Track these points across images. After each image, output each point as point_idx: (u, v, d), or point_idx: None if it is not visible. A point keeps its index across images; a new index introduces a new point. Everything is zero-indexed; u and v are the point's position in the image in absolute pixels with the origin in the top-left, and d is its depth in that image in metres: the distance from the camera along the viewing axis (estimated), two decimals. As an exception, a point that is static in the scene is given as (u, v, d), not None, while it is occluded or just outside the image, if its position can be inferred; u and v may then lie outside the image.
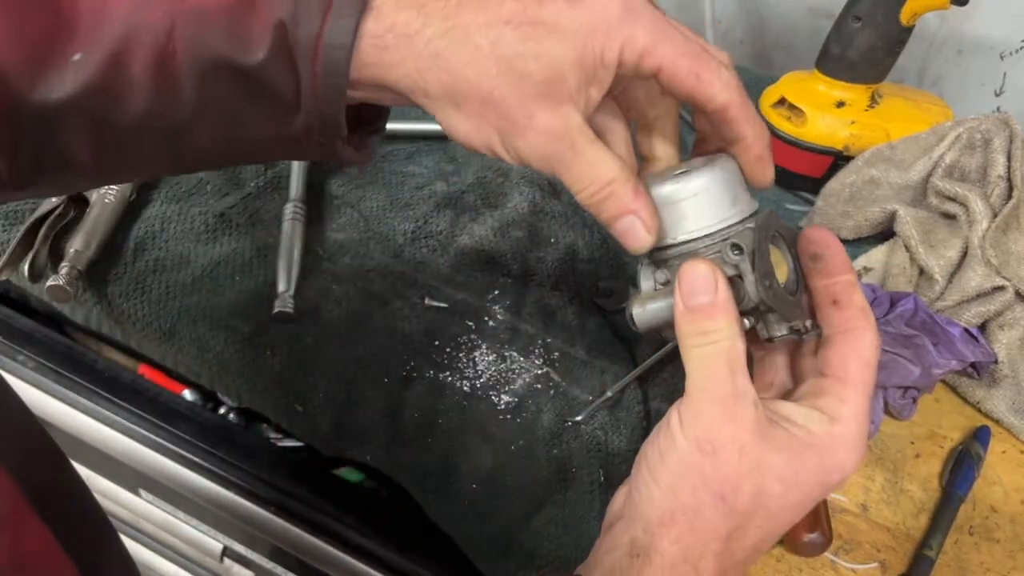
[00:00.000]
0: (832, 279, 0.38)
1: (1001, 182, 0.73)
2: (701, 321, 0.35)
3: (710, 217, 0.37)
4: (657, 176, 0.40)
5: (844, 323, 0.37)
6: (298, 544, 0.63)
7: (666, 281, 0.39)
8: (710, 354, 0.35)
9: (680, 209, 0.37)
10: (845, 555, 0.57)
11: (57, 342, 0.72)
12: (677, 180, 0.37)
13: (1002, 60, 0.95)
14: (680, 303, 0.35)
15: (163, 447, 0.66)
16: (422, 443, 0.59)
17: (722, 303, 0.35)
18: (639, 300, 0.39)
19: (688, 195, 0.37)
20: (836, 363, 0.37)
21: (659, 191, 0.37)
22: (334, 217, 0.73)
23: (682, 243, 0.37)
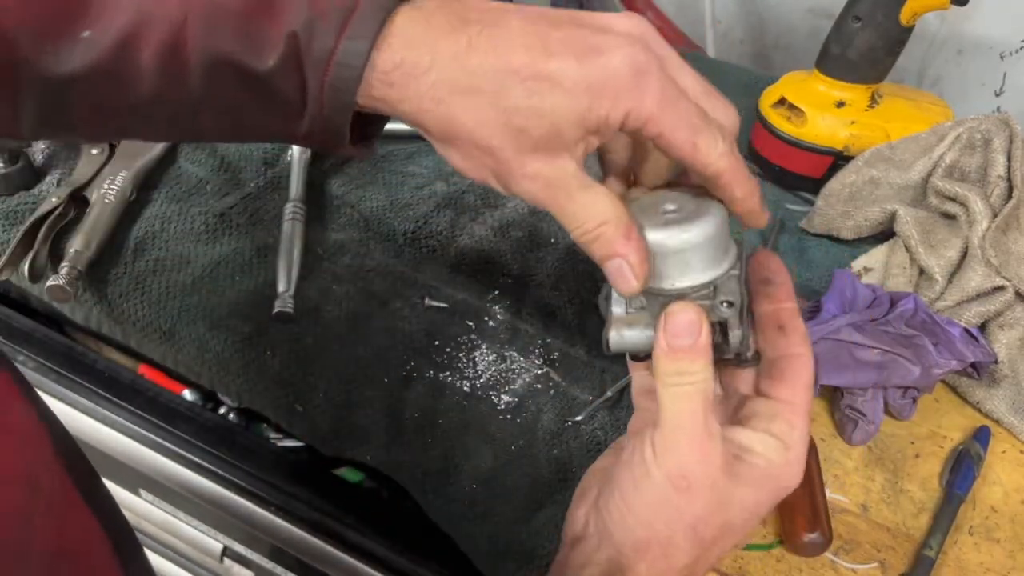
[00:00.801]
0: (779, 305, 0.40)
1: (1001, 182, 0.73)
2: (681, 362, 0.36)
3: (701, 269, 0.38)
4: (647, 211, 0.39)
5: (788, 348, 0.40)
6: (298, 544, 0.63)
7: (641, 307, 0.39)
8: (686, 394, 0.36)
9: (671, 258, 0.38)
10: (845, 555, 0.57)
11: (57, 342, 0.72)
12: (670, 229, 0.37)
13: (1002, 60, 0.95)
14: (663, 342, 0.36)
15: (163, 447, 0.66)
16: (422, 443, 0.59)
17: (702, 348, 0.36)
18: (616, 325, 0.39)
19: (681, 247, 0.37)
20: (785, 387, 0.39)
21: (652, 237, 0.37)
22: (334, 217, 0.73)
23: (670, 290, 0.38)
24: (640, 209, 0.39)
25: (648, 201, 0.40)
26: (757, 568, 0.56)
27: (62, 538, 0.32)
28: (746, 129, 0.89)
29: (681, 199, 0.39)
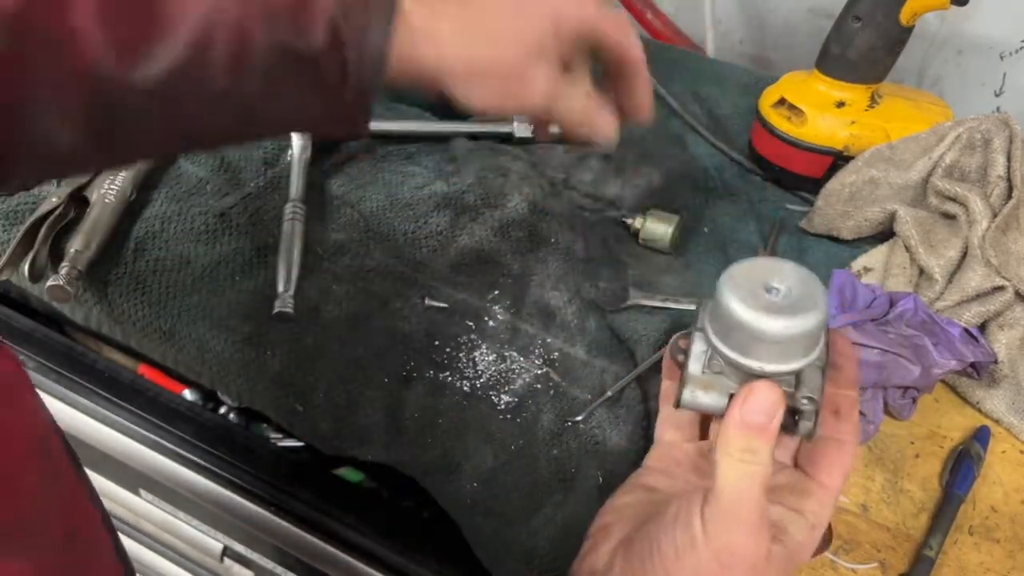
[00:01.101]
0: (840, 390, 0.41)
1: (1001, 182, 0.73)
2: (752, 439, 0.36)
3: (792, 358, 0.38)
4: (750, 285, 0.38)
5: (838, 433, 0.41)
6: (298, 544, 0.63)
7: (719, 372, 0.40)
8: (750, 474, 0.36)
9: (768, 344, 0.37)
10: (845, 555, 0.57)
11: (57, 342, 0.72)
12: (775, 317, 0.36)
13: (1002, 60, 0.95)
14: (738, 415, 0.37)
15: (163, 447, 0.66)
16: (422, 443, 0.59)
17: (774, 430, 0.37)
18: (691, 383, 0.40)
19: (781, 337, 0.37)
20: (825, 469, 0.41)
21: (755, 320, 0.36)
22: (334, 217, 0.73)
23: (756, 370, 0.38)
24: (742, 282, 0.38)
25: (748, 272, 0.39)
26: (757, 568, 0.56)
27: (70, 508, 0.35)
28: (746, 129, 0.89)
29: (784, 275, 0.38)
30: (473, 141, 0.82)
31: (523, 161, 0.80)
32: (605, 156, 0.83)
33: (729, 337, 0.38)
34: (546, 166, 0.81)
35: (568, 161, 0.83)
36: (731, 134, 0.91)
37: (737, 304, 0.37)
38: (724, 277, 0.38)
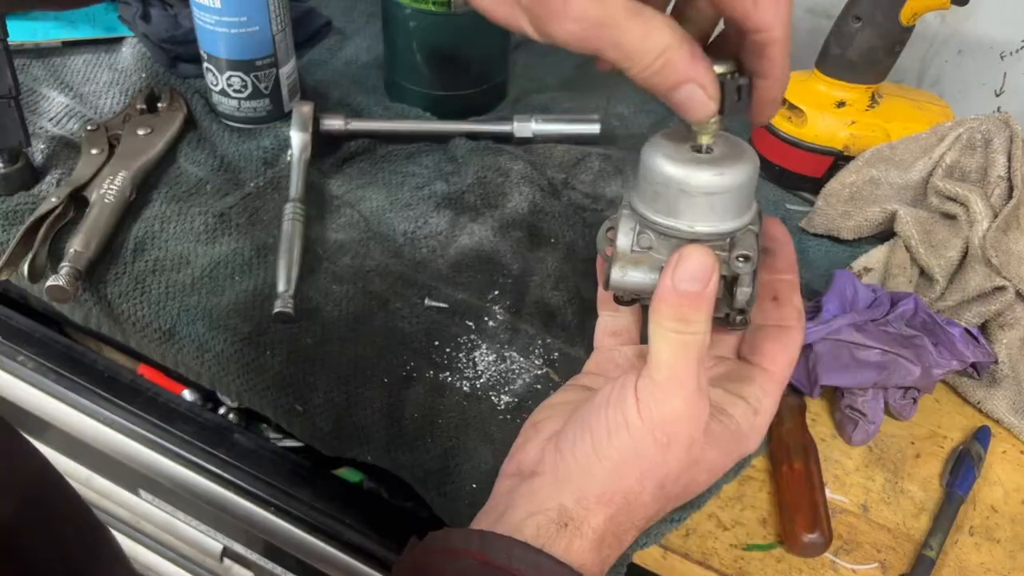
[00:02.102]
0: (777, 275, 0.39)
1: (1002, 182, 0.73)
2: (685, 308, 0.34)
3: (723, 217, 0.36)
4: (674, 143, 0.36)
5: (779, 319, 0.39)
6: (298, 544, 0.63)
7: (649, 247, 0.37)
8: (684, 344, 0.34)
9: (697, 198, 0.35)
10: (845, 555, 0.57)
11: (56, 342, 0.72)
12: (701, 167, 0.35)
13: (1002, 60, 0.95)
14: (670, 283, 0.34)
15: (163, 447, 0.66)
16: (422, 443, 0.59)
17: (709, 296, 0.34)
18: (620, 261, 0.37)
19: (709, 187, 0.35)
20: (767, 355, 0.39)
21: (679, 172, 0.35)
22: (334, 217, 0.73)
23: (686, 231, 0.36)
24: (667, 143, 0.36)
25: (673, 135, 0.37)
26: (757, 568, 0.56)
27: None
28: (746, 129, 0.89)
29: (713, 127, 0.36)
30: (473, 141, 0.82)
31: (523, 161, 0.80)
32: (605, 156, 0.83)
33: (657, 201, 0.36)
34: (546, 166, 0.81)
35: (568, 161, 0.82)
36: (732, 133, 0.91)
37: (663, 160, 0.35)
38: (649, 141, 0.36)
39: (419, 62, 0.84)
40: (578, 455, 0.36)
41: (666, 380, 0.34)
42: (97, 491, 0.79)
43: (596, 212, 0.78)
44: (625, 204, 0.39)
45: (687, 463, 0.36)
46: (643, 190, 0.36)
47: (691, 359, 0.34)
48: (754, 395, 0.38)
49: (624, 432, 0.35)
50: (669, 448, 0.35)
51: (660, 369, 0.35)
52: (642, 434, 0.35)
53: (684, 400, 0.34)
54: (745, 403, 0.38)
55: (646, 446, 0.35)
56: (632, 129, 0.90)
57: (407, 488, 0.59)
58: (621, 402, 0.35)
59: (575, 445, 0.37)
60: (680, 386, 0.34)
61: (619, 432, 0.35)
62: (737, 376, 0.39)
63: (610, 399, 0.36)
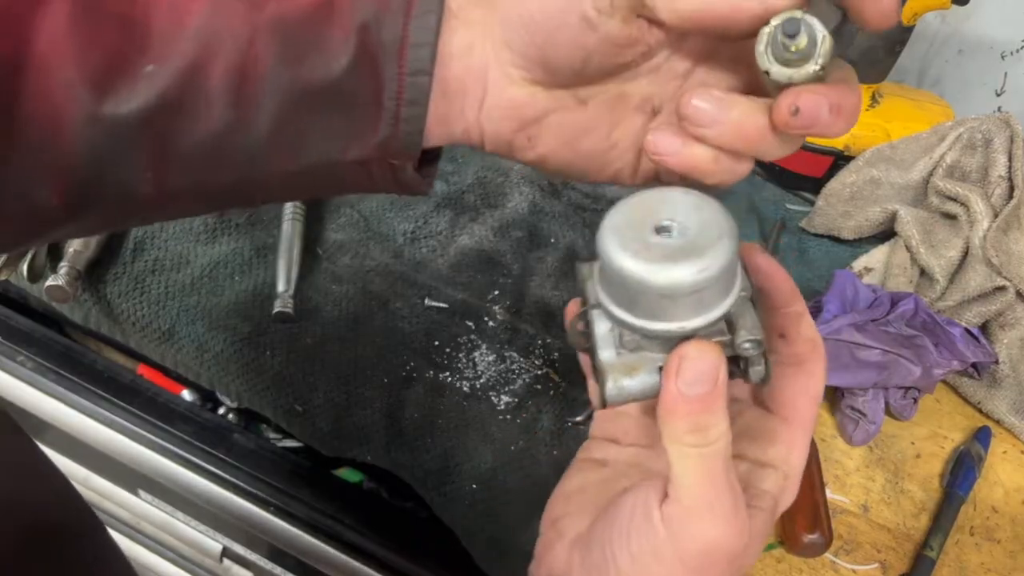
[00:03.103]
0: (779, 310, 0.34)
1: (1002, 182, 0.73)
2: (698, 415, 0.30)
3: (714, 303, 0.30)
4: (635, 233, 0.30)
5: (792, 357, 0.34)
6: (297, 545, 0.63)
7: (637, 347, 0.32)
8: (708, 457, 0.30)
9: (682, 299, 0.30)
10: (845, 556, 0.57)
11: (56, 342, 0.71)
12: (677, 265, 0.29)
13: (1003, 60, 0.95)
14: (675, 392, 0.30)
15: (162, 447, 0.66)
16: (422, 443, 0.59)
17: (720, 392, 0.30)
18: (612, 375, 0.32)
19: (694, 287, 0.29)
20: (785, 403, 0.35)
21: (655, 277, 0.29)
22: (333, 217, 0.73)
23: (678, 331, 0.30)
24: (627, 233, 0.30)
25: (630, 218, 0.31)
26: (757, 569, 0.55)
27: None
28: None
29: (672, 208, 0.31)
30: (473, 141, 0.82)
31: (523, 161, 0.80)
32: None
33: (635, 304, 0.30)
34: (546, 166, 0.81)
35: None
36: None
37: (630, 262, 0.29)
38: (604, 231, 0.30)
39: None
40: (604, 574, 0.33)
41: (696, 505, 0.30)
42: (96, 491, 0.79)
43: (596, 212, 0.78)
44: (593, 301, 0.33)
45: (730, 572, 0.32)
46: (614, 292, 0.31)
47: (719, 473, 0.30)
48: (780, 456, 0.34)
49: (652, 563, 0.31)
50: (707, 570, 0.31)
51: (687, 493, 0.30)
52: (673, 566, 0.31)
53: (720, 527, 0.30)
54: (774, 471, 0.34)
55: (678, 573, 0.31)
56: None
57: (407, 488, 0.59)
58: (647, 530, 0.31)
59: (600, 571, 0.33)
60: (713, 511, 0.30)
61: (646, 564, 0.31)
62: (760, 435, 0.35)
63: (632, 522, 0.32)
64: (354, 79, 0.33)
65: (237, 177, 0.35)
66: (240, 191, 0.37)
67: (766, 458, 0.34)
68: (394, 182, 0.36)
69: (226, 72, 0.32)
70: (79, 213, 0.35)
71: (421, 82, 0.33)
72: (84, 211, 0.35)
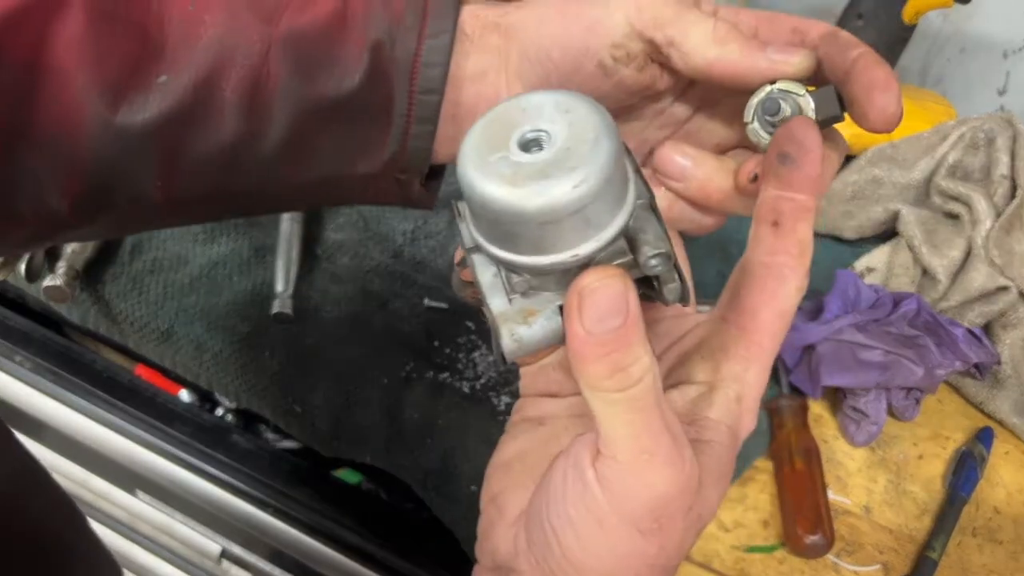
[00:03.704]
0: (787, 193, 0.29)
1: (1005, 181, 0.72)
2: (615, 355, 0.25)
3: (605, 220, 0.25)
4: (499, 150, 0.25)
5: (771, 253, 0.29)
6: (296, 546, 0.63)
7: (529, 287, 0.28)
8: (636, 400, 0.25)
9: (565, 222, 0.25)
10: (847, 557, 0.56)
11: (54, 342, 0.71)
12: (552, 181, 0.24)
13: (1005, 59, 0.95)
14: (582, 331, 0.24)
15: (160, 448, 0.66)
16: (421, 444, 0.58)
17: (635, 322, 0.25)
18: (507, 326, 0.27)
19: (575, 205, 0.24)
20: (745, 310, 0.29)
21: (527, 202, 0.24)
22: (333, 217, 0.73)
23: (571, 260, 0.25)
24: (484, 149, 0.25)
25: (489, 133, 0.26)
26: (759, 570, 0.55)
27: None
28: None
29: (536, 114, 0.26)
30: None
31: (523, 160, 0.79)
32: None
33: (514, 239, 0.25)
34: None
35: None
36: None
37: (496, 189, 0.24)
38: (462, 156, 0.25)
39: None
40: (554, 566, 0.28)
41: (632, 456, 0.26)
42: (94, 492, 0.78)
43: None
44: (469, 243, 0.28)
45: (686, 526, 0.28)
46: (489, 229, 0.26)
47: (652, 416, 0.26)
48: (732, 373, 0.29)
49: (599, 534, 0.27)
50: (662, 531, 0.27)
51: (620, 445, 0.26)
52: (623, 531, 0.27)
53: (664, 473, 0.26)
54: (723, 392, 0.29)
55: (633, 542, 0.27)
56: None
57: (406, 489, 0.59)
58: (582, 493, 0.27)
59: (544, 552, 0.29)
60: (652, 457, 0.26)
61: (590, 534, 0.27)
62: (707, 350, 0.30)
63: (566, 488, 0.28)
64: (366, 95, 0.33)
65: (247, 188, 0.35)
66: (249, 201, 0.37)
67: (716, 378, 0.29)
68: (400, 196, 0.36)
69: (239, 84, 0.33)
70: (90, 218, 0.36)
71: (432, 100, 0.33)
72: (94, 216, 0.36)
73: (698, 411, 0.29)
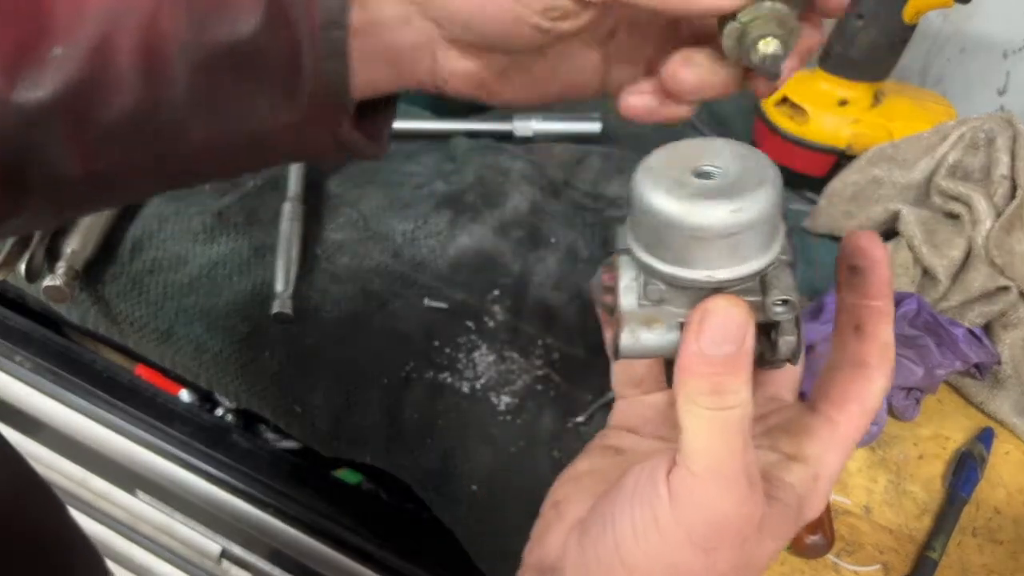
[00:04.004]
0: (864, 301, 0.31)
1: (1005, 181, 0.72)
2: (719, 377, 0.27)
3: (749, 256, 0.28)
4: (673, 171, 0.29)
5: (858, 356, 0.31)
6: (296, 546, 0.63)
7: (660, 300, 0.30)
8: (726, 421, 0.27)
9: (715, 242, 0.28)
10: (847, 557, 0.56)
11: (54, 342, 0.71)
12: (715, 203, 0.27)
13: (1005, 59, 0.95)
14: (696, 348, 0.27)
15: (160, 448, 0.66)
16: (421, 444, 0.58)
17: (746, 356, 0.27)
18: (630, 324, 0.30)
19: (729, 229, 0.27)
20: (835, 400, 0.32)
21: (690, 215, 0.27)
22: (333, 217, 0.73)
23: (705, 282, 0.28)
24: (663, 171, 0.29)
25: (670, 159, 0.29)
26: (759, 571, 0.55)
27: None
28: (748, 128, 0.89)
29: (715, 153, 0.29)
30: (473, 140, 0.82)
31: (523, 160, 0.79)
32: (606, 155, 0.83)
33: (662, 248, 0.28)
34: (546, 165, 0.81)
35: (569, 160, 0.82)
36: (733, 133, 0.91)
37: (662, 198, 0.27)
38: (639, 169, 0.29)
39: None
40: (600, 555, 0.30)
41: (706, 472, 0.27)
42: (94, 492, 0.78)
43: (596, 212, 0.77)
44: (622, 246, 0.31)
45: (738, 564, 0.29)
46: (643, 235, 0.29)
47: (735, 441, 0.27)
48: (814, 454, 0.31)
49: (654, 534, 0.28)
50: (714, 553, 0.28)
51: (697, 458, 0.28)
52: (677, 538, 0.28)
53: (732, 500, 0.27)
54: (803, 466, 0.31)
55: (683, 551, 0.28)
56: (633, 128, 0.90)
57: (406, 489, 0.59)
58: (650, 496, 0.29)
59: (597, 542, 0.30)
60: (725, 480, 0.27)
61: (648, 534, 0.28)
62: (794, 429, 0.32)
63: (636, 489, 0.29)
64: (267, 38, 0.32)
65: (165, 151, 0.35)
66: (175, 166, 0.36)
67: (798, 451, 0.31)
68: (334, 144, 0.35)
69: (135, 48, 0.32)
70: (18, 201, 0.35)
71: (337, 37, 0.32)
72: (23, 199, 0.35)
73: (775, 472, 0.31)
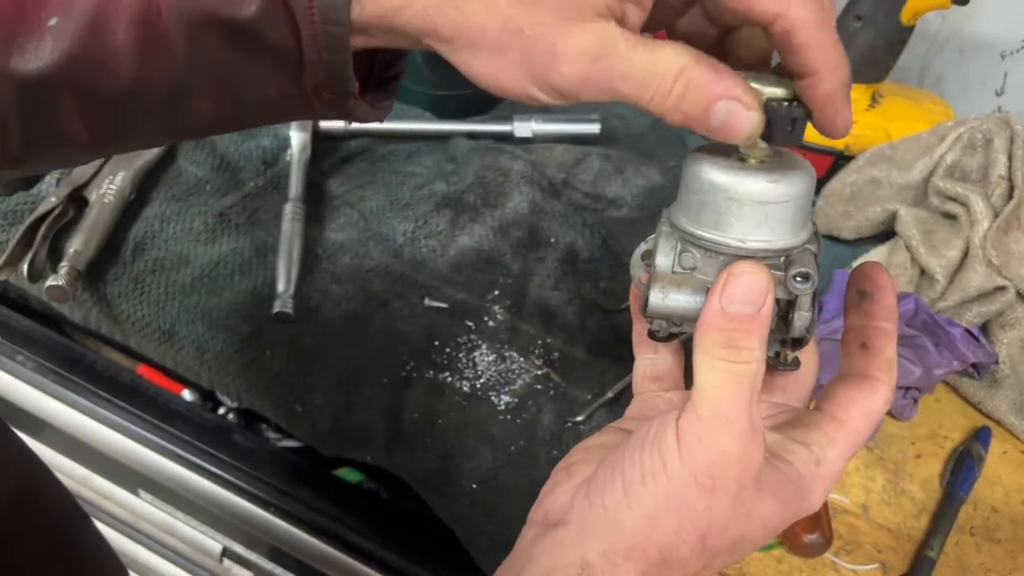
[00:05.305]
0: (871, 322, 0.34)
1: (1002, 182, 0.73)
2: (736, 333, 0.30)
3: (778, 231, 0.32)
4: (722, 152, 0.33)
5: (864, 369, 0.34)
6: (298, 545, 0.63)
7: (693, 267, 0.33)
8: (736, 373, 0.30)
9: (749, 207, 0.31)
10: (846, 556, 0.57)
11: (56, 342, 0.71)
12: (753, 173, 0.31)
13: (1003, 60, 0.95)
14: (718, 305, 0.30)
15: (162, 447, 0.66)
16: (422, 444, 0.59)
17: (763, 320, 0.30)
18: (660, 283, 0.33)
19: (763, 197, 0.31)
20: (840, 402, 0.34)
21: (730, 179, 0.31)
22: (334, 217, 0.73)
23: (737, 247, 0.32)
24: (712, 151, 0.33)
25: (716, 145, 0.33)
26: (757, 569, 0.55)
27: None
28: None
29: (763, 151, 0.33)
30: (473, 140, 0.82)
31: (523, 161, 0.80)
32: (605, 155, 0.83)
33: (702, 212, 0.32)
34: (546, 166, 0.81)
35: (568, 161, 0.82)
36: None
37: (709, 167, 0.32)
38: (690, 153, 0.33)
39: (419, 61, 0.84)
40: (607, 502, 0.32)
41: (712, 415, 0.30)
42: (96, 491, 0.79)
43: (596, 212, 0.78)
44: (664, 221, 0.35)
45: (735, 514, 0.31)
46: (686, 202, 0.33)
47: (742, 391, 0.30)
48: (817, 442, 0.33)
49: (662, 476, 0.31)
50: (714, 494, 0.30)
51: (706, 403, 0.30)
52: (683, 477, 0.30)
53: (733, 438, 0.30)
54: (806, 450, 0.33)
55: (687, 491, 0.30)
56: (632, 129, 0.90)
57: (407, 489, 0.59)
58: (660, 441, 0.31)
59: (604, 491, 0.32)
60: (728, 422, 0.30)
61: (656, 476, 0.31)
62: (800, 422, 0.34)
63: (647, 439, 0.32)
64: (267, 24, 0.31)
65: (171, 117, 0.35)
66: (184, 127, 0.36)
67: (802, 437, 0.33)
68: (342, 113, 0.35)
69: (129, 21, 0.32)
70: (23, 159, 0.36)
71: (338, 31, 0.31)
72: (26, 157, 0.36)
73: (778, 449, 0.33)
